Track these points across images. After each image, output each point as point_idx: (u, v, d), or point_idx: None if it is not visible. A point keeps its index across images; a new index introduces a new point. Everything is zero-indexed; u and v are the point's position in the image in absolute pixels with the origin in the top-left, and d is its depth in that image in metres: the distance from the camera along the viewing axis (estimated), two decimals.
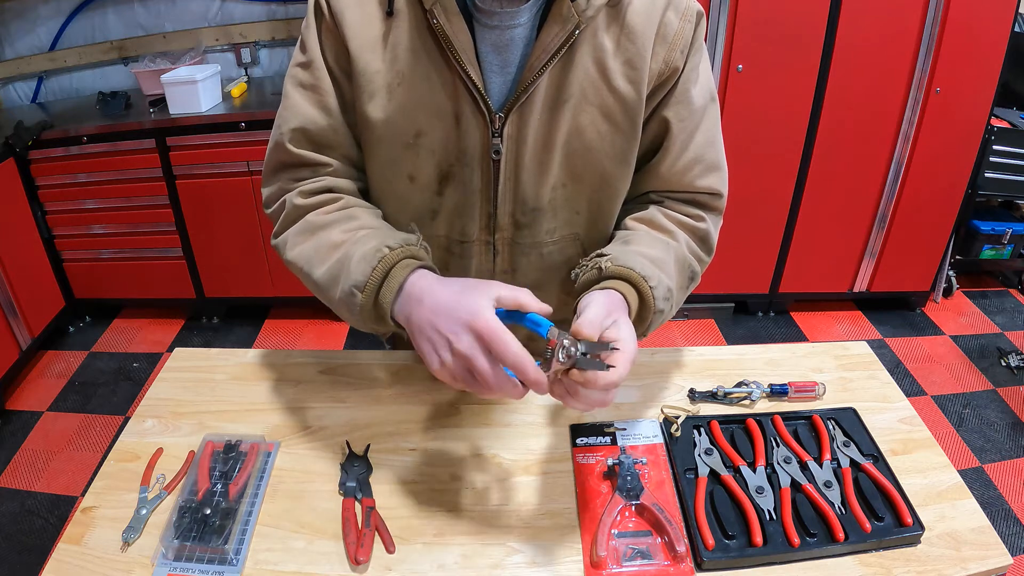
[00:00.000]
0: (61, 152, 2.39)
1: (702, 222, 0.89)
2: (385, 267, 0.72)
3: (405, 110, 0.80)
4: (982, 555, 0.76)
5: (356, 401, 0.96)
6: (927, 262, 2.72)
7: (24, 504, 1.98)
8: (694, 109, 0.85)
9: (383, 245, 0.74)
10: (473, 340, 0.64)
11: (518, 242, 0.89)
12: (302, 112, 0.83)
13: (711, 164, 0.88)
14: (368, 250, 0.74)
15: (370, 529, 0.76)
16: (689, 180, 0.88)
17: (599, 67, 0.79)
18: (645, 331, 0.80)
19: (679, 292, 0.85)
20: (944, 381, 2.48)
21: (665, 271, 0.81)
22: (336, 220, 0.81)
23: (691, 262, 0.88)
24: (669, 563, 0.74)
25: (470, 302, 0.65)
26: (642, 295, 0.77)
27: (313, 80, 0.82)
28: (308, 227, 0.82)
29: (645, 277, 0.77)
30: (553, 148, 0.82)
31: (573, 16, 0.75)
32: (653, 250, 0.83)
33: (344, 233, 0.79)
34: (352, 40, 0.79)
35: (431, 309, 0.68)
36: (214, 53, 2.75)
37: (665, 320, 0.83)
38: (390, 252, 0.73)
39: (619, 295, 0.75)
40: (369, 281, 0.72)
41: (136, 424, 0.93)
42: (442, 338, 0.66)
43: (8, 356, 2.37)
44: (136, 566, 0.74)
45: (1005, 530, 1.89)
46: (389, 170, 0.85)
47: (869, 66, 2.27)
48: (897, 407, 0.96)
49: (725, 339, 2.72)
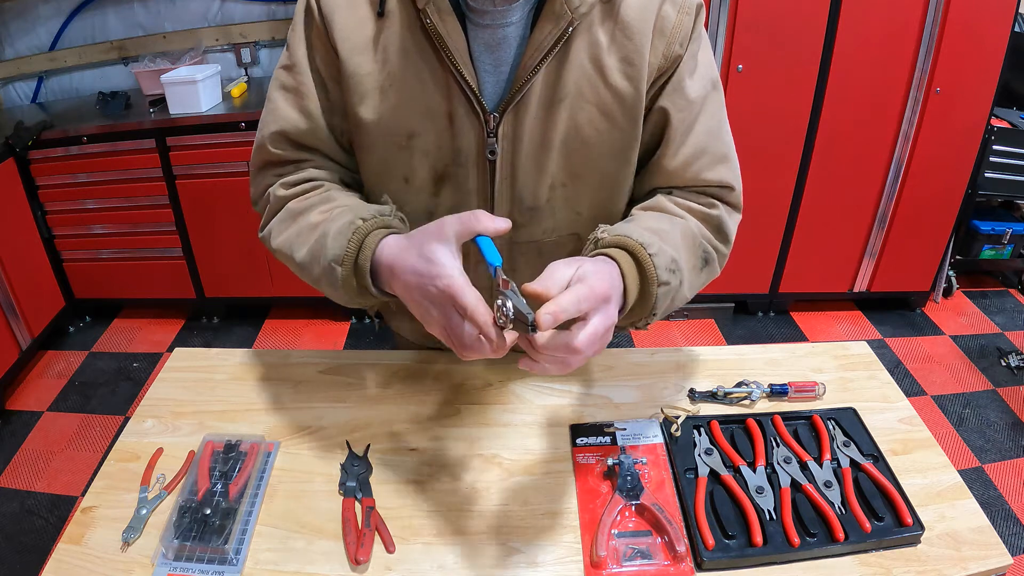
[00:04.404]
0: (61, 152, 2.39)
1: (714, 209, 0.85)
2: (359, 238, 0.73)
3: (397, 111, 0.80)
4: (982, 555, 0.76)
5: (356, 401, 0.96)
6: (927, 262, 2.71)
7: (24, 504, 1.98)
8: (692, 99, 0.82)
9: (357, 218, 0.74)
10: (443, 303, 0.64)
11: (516, 241, 0.88)
12: (283, 115, 0.84)
13: (717, 155, 0.85)
14: (343, 224, 0.74)
15: (370, 529, 0.76)
16: (695, 173, 0.84)
17: (595, 64, 0.78)
18: (652, 308, 0.74)
19: (691, 272, 0.80)
20: (944, 381, 2.48)
21: (668, 242, 0.76)
22: (315, 203, 0.82)
23: (703, 243, 0.83)
24: (669, 563, 0.74)
25: (432, 263, 0.65)
26: (640, 263, 0.72)
27: (295, 83, 0.83)
28: (289, 214, 0.83)
29: (643, 244, 0.72)
30: (550, 147, 0.81)
31: (566, 13, 0.74)
32: (656, 223, 0.79)
33: (321, 214, 0.80)
34: (343, 43, 0.79)
35: (403, 280, 0.68)
36: (214, 53, 2.75)
37: (677, 300, 0.78)
38: (363, 223, 0.74)
39: (611, 263, 0.70)
40: (346, 254, 0.73)
41: (136, 424, 0.93)
42: (420, 307, 0.67)
43: (8, 356, 2.37)
44: (136, 566, 0.74)
45: (1005, 530, 1.89)
46: (383, 172, 0.85)
47: (869, 66, 2.27)
48: (897, 407, 0.96)
49: (725, 339, 2.72)
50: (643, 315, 0.75)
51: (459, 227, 0.66)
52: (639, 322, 0.77)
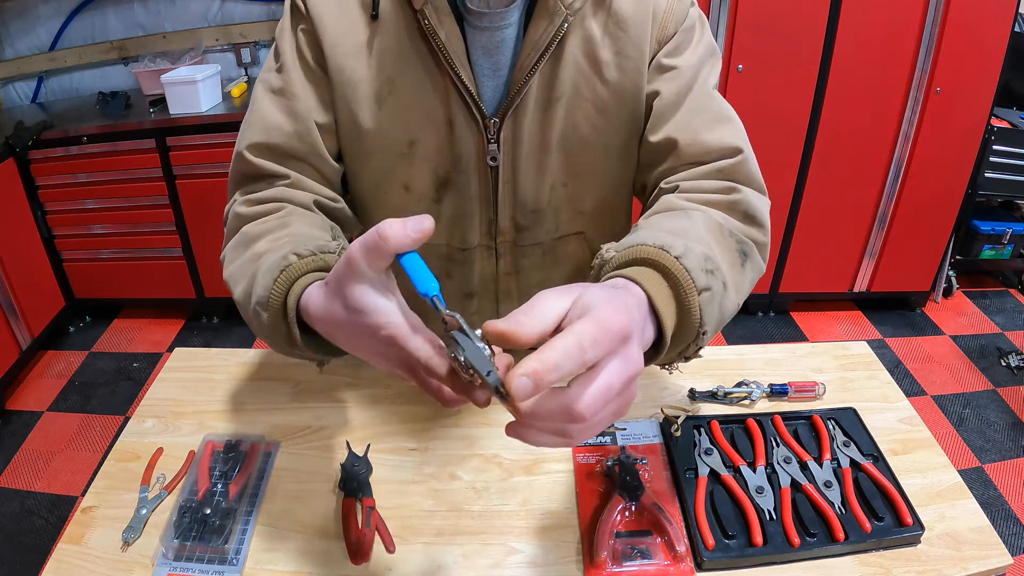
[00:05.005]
0: (61, 152, 2.39)
1: (735, 193, 0.72)
2: (288, 279, 0.58)
3: (397, 118, 0.78)
4: (982, 555, 0.76)
5: (356, 401, 0.96)
6: (927, 262, 2.71)
7: (24, 504, 1.98)
8: (683, 67, 0.77)
9: (291, 253, 0.60)
10: (389, 354, 0.51)
11: (520, 244, 0.88)
12: (268, 119, 0.77)
13: (717, 114, 0.77)
14: (275, 260, 0.60)
15: (370, 529, 0.76)
16: (693, 135, 0.75)
17: (590, 60, 0.77)
18: (699, 327, 0.56)
19: (731, 270, 0.64)
20: (944, 381, 2.48)
21: (693, 238, 0.61)
22: (269, 229, 0.70)
23: (735, 233, 0.69)
24: (669, 563, 0.74)
25: (360, 313, 0.50)
26: (668, 273, 0.55)
27: (283, 83, 0.77)
28: (242, 240, 0.71)
29: (665, 247, 0.57)
30: (549, 148, 0.80)
31: (560, 10, 0.72)
32: (671, 223, 0.66)
33: (269, 243, 0.67)
34: (333, 47, 0.75)
35: (345, 339, 0.53)
36: (214, 53, 2.75)
37: (727, 308, 0.62)
38: (297, 261, 0.59)
39: (626, 285, 0.53)
40: (271, 297, 0.58)
41: (136, 424, 0.93)
42: (381, 365, 0.53)
43: (8, 356, 2.37)
44: (136, 566, 0.74)
45: (1005, 530, 1.89)
46: (383, 180, 0.82)
47: (869, 66, 2.27)
48: (897, 407, 0.96)
49: (725, 339, 2.72)
50: (690, 338, 0.57)
51: (367, 256, 0.48)
52: (688, 349, 0.59)
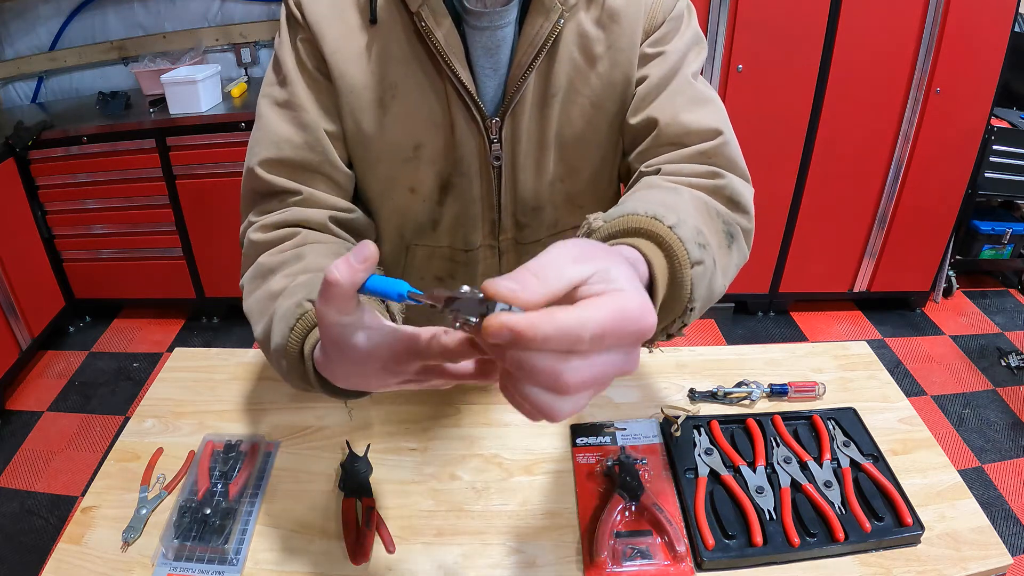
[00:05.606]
0: (61, 152, 2.39)
1: (719, 179, 0.70)
2: (305, 327, 0.58)
3: (401, 123, 0.77)
4: (982, 555, 0.76)
5: (356, 401, 0.96)
6: (927, 262, 2.71)
7: (24, 504, 1.98)
8: (669, 53, 0.77)
9: (305, 299, 0.59)
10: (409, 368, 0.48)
11: (521, 242, 0.88)
12: (276, 134, 0.76)
13: (697, 96, 0.76)
14: (290, 307, 0.60)
15: (370, 529, 0.76)
16: (672, 115, 0.74)
17: (584, 54, 0.77)
18: (688, 302, 0.54)
19: (720, 250, 0.61)
20: (944, 381, 2.48)
21: (683, 212, 0.58)
22: (283, 262, 0.69)
23: (720, 213, 0.67)
24: (669, 563, 0.74)
25: (366, 360, 0.48)
26: (661, 242, 0.52)
27: (288, 96, 0.76)
28: (259, 271, 0.71)
29: (656, 216, 0.53)
30: (547, 145, 0.80)
31: (556, 5, 0.72)
32: (658, 195, 0.64)
33: (284, 279, 0.67)
34: (334, 54, 0.75)
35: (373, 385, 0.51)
36: (214, 53, 2.75)
37: (715, 290, 0.60)
38: (312, 308, 0.58)
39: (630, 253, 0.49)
40: (288, 346, 0.58)
41: (136, 424, 0.93)
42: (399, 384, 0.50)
43: (8, 356, 2.37)
44: (136, 566, 0.74)
45: (1005, 530, 1.89)
46: (388, 184, 0.83)
47: (869, 66, 2.27)
48: (897, 407, 0.96)
49: (725, 339, 2.72)
50: (677, 313, 0.56)
51: (333, 308, 0.45)
52: (672, 325, 0.58)
